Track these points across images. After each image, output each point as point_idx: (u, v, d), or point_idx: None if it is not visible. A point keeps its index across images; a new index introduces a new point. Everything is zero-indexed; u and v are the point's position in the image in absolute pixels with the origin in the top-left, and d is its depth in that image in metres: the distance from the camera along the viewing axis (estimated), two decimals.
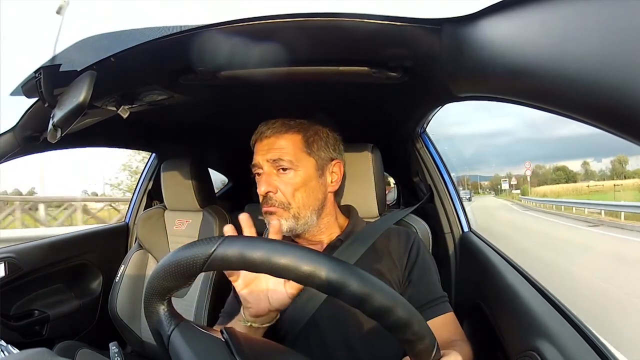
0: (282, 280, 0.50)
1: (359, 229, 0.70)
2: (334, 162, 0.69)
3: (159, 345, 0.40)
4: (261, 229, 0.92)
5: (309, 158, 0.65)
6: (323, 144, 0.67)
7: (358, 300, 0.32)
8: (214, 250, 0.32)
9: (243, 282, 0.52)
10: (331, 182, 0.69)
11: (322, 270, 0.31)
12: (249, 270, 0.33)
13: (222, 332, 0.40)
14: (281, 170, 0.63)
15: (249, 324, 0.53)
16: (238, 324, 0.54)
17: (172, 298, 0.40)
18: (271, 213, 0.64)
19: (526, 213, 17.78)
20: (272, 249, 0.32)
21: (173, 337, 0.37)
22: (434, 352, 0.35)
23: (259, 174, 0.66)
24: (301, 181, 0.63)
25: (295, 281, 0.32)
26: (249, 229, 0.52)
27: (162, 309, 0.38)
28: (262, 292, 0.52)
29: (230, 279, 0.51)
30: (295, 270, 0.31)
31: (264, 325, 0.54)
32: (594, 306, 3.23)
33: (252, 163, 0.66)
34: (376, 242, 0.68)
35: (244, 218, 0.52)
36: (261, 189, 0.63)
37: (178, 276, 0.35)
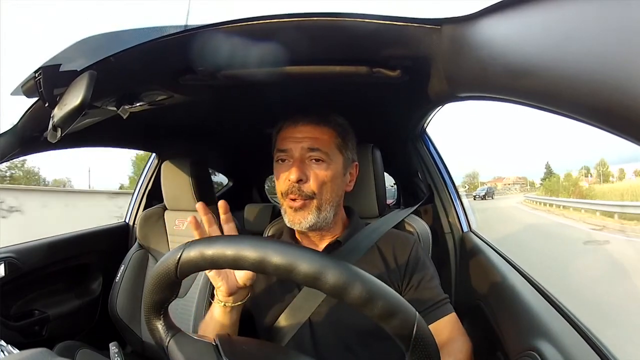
0: None
1: (359, 231, 0.70)
2: (354, 164, 0.70)
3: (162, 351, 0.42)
4: (261, 227, 0.92)
5: (340, 155, 0.65)
6: (351, 144, 0.68)
7: (311, 279, 0.33)
8: (180, 256, 0.36)
9: None
10: (348, 182, 0.69)
11: (270, 256, 0.33)
12: (214, 268, 0.36)
13: (215, 338, 0.42)
14: (314, 161, 0.62)
15: (222, 304, 0.55)
16: (215, 307, 0.57)
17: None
18: (298, 209, 0.62)
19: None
20: (226, 244, 0.34)
21: (170, 346, 0.40)
22: (415, 328, 0.33)
23: (283, 160, 0.64)
24: (331, 175, 0.63)
25: (250, 269, 0.34)
26: (225, 215, 0.53)
27: (160, 324, 0.41)
28: (227, 270, 0.53)
29: None
30: (246, 259, 0.33)
31: (237, 304, 0.56)
32: None
33: (281, 148, 0.64)
34: (376, 245, 0.68)
35: (221, 204, 0.53)
36: (291, 177, 0.60)
37: (162, 287, 0.38)
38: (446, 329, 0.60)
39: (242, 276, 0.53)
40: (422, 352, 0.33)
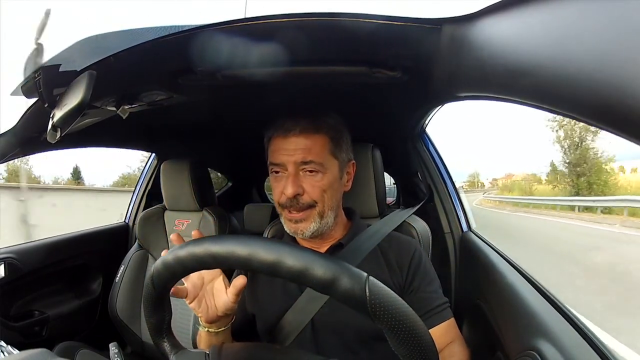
0: (223, 287, 0.54)
1: (361, 232, 0.70)
2: (350, 163, 0.69)
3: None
4: (261, 228, 0.92)
5: (335, 160, 0.64)
6: (345, 146, 0.66)
7: (244, 263, 0.34)
8: (152, 271, 0.39)
9: (191, 295, 0.54)
10: (346, 182, 0.69)
11: (211, 248, 0.35)
12: (187, 273, 0.39)
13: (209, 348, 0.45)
14: (308, 172, 0.61)
15: (206, 329, 0.57)
16: (201, 331, 0.58)
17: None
18: (299, 220, 0.62)
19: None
20: (177, 250, 0.37)
21: None
22: (367, 290, 0.31)
23: (277, 173, 0.63)
24: (328, 183, 0.62)
25: (211, 267, 0.37)
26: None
27: (165, 344, 0.45)
28: (208, 300, 0.54)
29: (181, 296, 0.53)
30: (212, 254, 0.35)
31: (220, 330, 0.57)
32: None
33: (274, 162, 0.63)
34: (378, 247, 0.68)
35: (174, 238, 0.53)
36: (288, 191, 0.60)
37: (149, 306, 0.41)
38: (445, 334, 0.61)
39: (222, 305, 0.53)
40: (386, 315, 0.31)
